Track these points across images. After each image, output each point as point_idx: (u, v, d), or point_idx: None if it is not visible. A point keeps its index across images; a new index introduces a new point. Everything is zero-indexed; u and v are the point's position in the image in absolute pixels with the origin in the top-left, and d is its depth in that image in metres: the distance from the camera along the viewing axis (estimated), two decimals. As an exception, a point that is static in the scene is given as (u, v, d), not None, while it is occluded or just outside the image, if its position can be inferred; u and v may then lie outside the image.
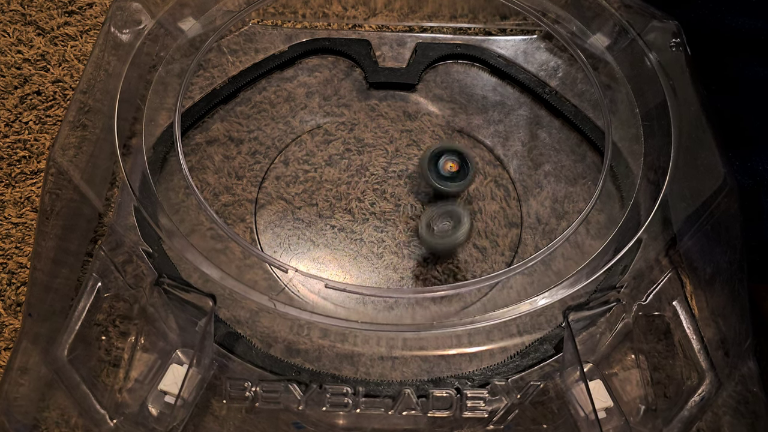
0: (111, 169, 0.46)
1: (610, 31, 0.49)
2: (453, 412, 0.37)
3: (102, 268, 0.40)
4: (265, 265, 0.43)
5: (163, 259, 0.42)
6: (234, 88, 0.50)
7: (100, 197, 0.45)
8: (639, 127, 0.46)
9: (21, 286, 0.44)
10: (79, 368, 0.37)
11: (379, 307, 0.42)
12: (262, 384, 0.37)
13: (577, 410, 0.37)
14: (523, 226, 0.46)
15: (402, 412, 0.36)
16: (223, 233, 0.42)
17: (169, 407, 0.36)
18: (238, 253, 0.44)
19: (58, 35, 0.54)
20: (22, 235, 0.46)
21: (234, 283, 0.39)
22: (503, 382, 0.37)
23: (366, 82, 0.51)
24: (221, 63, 0.52)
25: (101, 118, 0.45)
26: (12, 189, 0.48)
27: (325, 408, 0.37)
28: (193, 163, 0.48)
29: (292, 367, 0.39)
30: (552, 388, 0.38)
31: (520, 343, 0.40)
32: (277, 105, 0.50)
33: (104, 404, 0.36)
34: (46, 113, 0.51)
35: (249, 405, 0.37)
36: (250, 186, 0.47)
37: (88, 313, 0.39)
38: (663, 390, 0.39)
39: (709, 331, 0.40)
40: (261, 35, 0.53)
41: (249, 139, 0.49)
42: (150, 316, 0.39)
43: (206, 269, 0.39)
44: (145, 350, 0.38)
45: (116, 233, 0.41)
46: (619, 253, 0.39)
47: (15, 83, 0.52)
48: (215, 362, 0.38)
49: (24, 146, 0.49)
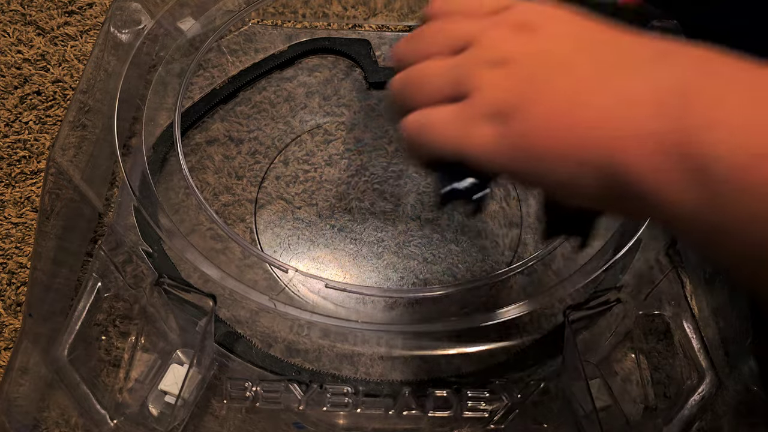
0: (111, 169, 0.46)
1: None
2: (453, 411, 0.36)
3: (102, 268, 0.40)
4: (265, 265, 0.43)
5: (163, 259, 0.42)
6: (234, 87, 0.50)
7: (100, 197, 0.45)
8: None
9: (21, 286, 0.44)
10: (80, 368, 0.37)
11: (379, 306, 0.42)
12: (263, 384, 0.37)
13: (577, 410, 0.37)
14: (523, 226, 0.46)
15: (402, 412, 0.36)
16: (223, 233, 0.42)
17: (169, 407, 0.36)
18: (238, 253, 0.44)
19: (58, 35, 0.54)
20: (22, 235, 0.46)
21: (234, 283, 0.38)
22: (503, 382, 0.37)
23: (366, 82, 0.51)
24: (221, 63, 0.52)
25: (101, 118, 0.45)
26: (12, 189, 0.47)
27: (326, 408, 0.37)
28: (193, 163, 0.48)
29: (292, 367, 0.39)
30: (552, 387, 0.38)
31: (520, 343, 0.40)
32: (277, 105, 0.50)
33: (104, 404, 0.36)
34: (46, 113, 0.51)
35: (249, 405, 0.37)
36: (250, 186, 0.47)
37: (88, 313, 0.39)
38: (663, 389, 0.39)
39: (709, 331, 0.40)
40: (261, 35, 0.53)
41: (249, 138, 0.49)
42: (150, 316, 0.39)
43: (206, 269, 0.39)
44: (146, 350, 0.38)
45: (116, 233, 0.41)
46: (618, 253, 0.39)
47: (15, 83, 0.52)
48: (215, 362, 0.38)
49: (24, 146, 0.49)
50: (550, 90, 0.22)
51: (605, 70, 0.22)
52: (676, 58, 0.21)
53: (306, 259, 0.44)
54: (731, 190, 0.18)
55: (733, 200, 0.18)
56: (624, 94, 0.21)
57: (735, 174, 0.18)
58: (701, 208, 0.19)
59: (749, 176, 0.18)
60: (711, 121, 0.19)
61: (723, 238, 0.19)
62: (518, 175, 0.23)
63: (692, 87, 0.20)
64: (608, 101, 0.21)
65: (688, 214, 0.19)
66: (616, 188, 0.21)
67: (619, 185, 0.21)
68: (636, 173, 0.20)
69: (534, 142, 0.22)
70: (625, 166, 0.20)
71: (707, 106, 0.19)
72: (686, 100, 0.20)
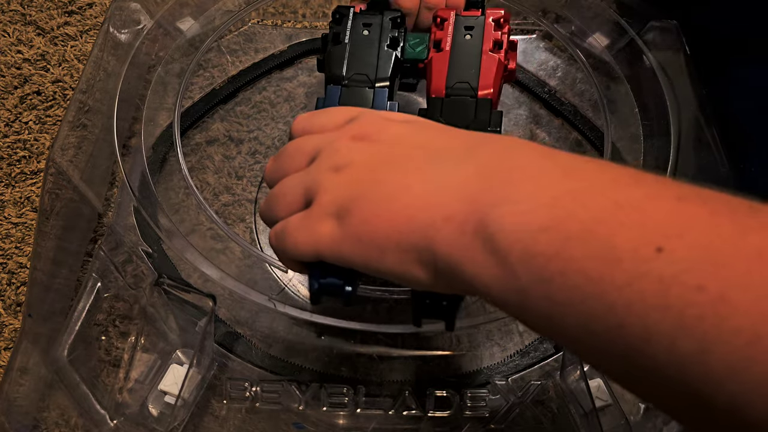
0: (110, 169, 0.46)
1: (609, 30, 0.49)
2: (453, 411, 0.37)
3: (102, 268, 0.40)
4: (264, 265, 0.43)
5: (163, 260, 0.42)
6: (234, 87, 0.50)
7: (99, 197, 0.45)
8: (638, 126, 0.46)
9: (21, 286, 0.44)
10: (79, 368, 0.37)
11: (379, 306, 0.42)
12: (263, 384, 0.37)
13: (577, 409, 0.37)
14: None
15: (402, 412, 0.37)
16: (223, 233, 0.42)
17: (169, 407, 0.36)
18: (238, 253, 0.44)
19: (58, 35, 0.54)
20: (22, 235, 0.46)
21: (234, 283, 0.38)
22: (503, 382, 0.37)
23: (366, 82, 0.51)
24: (221, 63, 0.52)
25: (101, 118, 0.45)
26: (12, 189, 0.48)
27: (326, 408, 0.37)
28: (193, 163, 0.48)
29: (292, 367, 0.39)
30: (552, 387, 0.38)
31: (520, 343, 0.40)
32: (277, 105, 0.50)
33: (104, 404, 0.36)
34: (46, 113, 0.51)
35: (249, 405, 0.37)
36: (250, 186, 0.47)
37: (88, 313, 0.39)
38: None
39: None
40: (261, 35, 0.53)
41: (249, 138, 0.49)
42: (150, 317, 0.39)
43: (206, 269, 0.39)
44: (145, 350, 0.38)
45: (116, 233, 0.41)
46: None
47: (15, 83, 0.52)
48: (215, 362, 0.38)
49: (24, 146, 0.49)
50: (378, 185, 0.24)
51: (427, 164, 0.24)
52: (484, 148, 0.24)
53: (306, 259, 0.44)
54: (518, 263, 0.20)
55: (523, 274, 0.20)
56: (439, 182, 0.23)
57: (517, 246, 0.20)
58: (505, 284, 0.21)
59: (530, 248, 0.20)
60: (499, 199, 0.21)
61: (535, 319, 0.21)
62: (361, 267, 0.24)
63: (490, 171, 0.22)
64: (425, 189, 0.23)
65: (499, 292, 0.21)
66: (440, 271, 0.23)
67: (441, 269, 0.22)
68: (448, 254, 0.22)
69: (365, 233, 0.24)
70: (439, 248, 0.22)
71: (499, 187, 0.22)
72: (484, 183, 0.22)
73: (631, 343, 0.18)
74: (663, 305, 0.17)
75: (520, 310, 0.21)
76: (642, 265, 0.18)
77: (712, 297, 0.17)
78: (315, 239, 0.25)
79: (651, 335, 0.17)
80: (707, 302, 0.17)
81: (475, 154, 0.24)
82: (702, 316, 0.17)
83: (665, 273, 0.17)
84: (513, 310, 0.21)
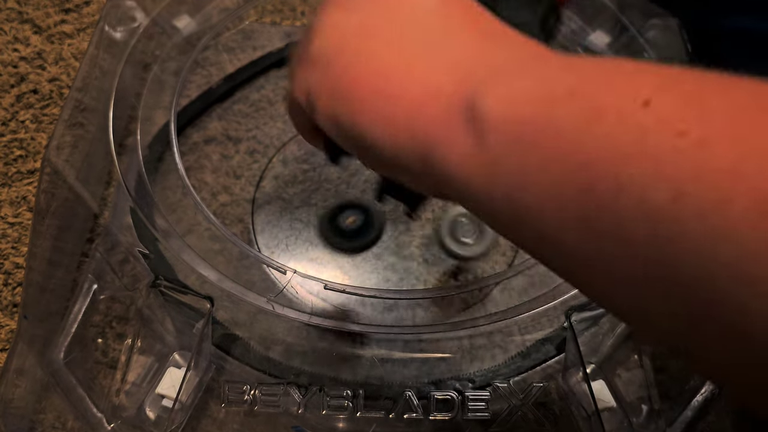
0: (106, 169, 0.46)
1: (610, 28, 0.49)
2: (455, 414, 0.36)
3: (98, 269, 0.39)
4: (263, 266, 0.43)
5: (160, 260, 0.41)
6: (231, 86, 0.50)
7: (95, 197, 0.44)
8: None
9: (17, 286, 0.44)
10: (76, 371, 0.37)
11: (379, 308, 0.42)
12: (261, 387, 0.36)
13: (579, 411, 0.36)
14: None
15: (403, 415, 0.36)
16: (221, 234, 0.42)
17: (166, 411, 0.36)
18: (235, 254, 0.43)
19: (55, 33, 0.54)
20: (18, 235, 0.45)
21: (232, 285, 0.38)
22: (505, 384, 0.37)
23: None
24: (218, 61, 0.51)
25: (96, 117, 0.44)
26: (8, 188, 0.47)
27: (325, 411, 0.36)
28: (190, 162, 0.47)
29: (291, 370, 0.38)
30: (554, 389, 0.38)
31: (522, 344, 0.40)
32: (276, 103, 0.50)
33: (101, 407, 0.36)
34: (43, 112, 0.50)
35: (247, 408, 0.36)
36: (249, 185, 0.46)
37: (84, 314, 0.38)
38: (666, 390, 0.39)
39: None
40: (259, 33, 0.53)
41: (247, 137, 0.48)
42: (146, 318, 0.38)
43: (203, 270, 0.38)
44: (142, 353, 0.38)
45: (112, 234, 0.41)
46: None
47: (11, 81, 0.51)
48: (213, 365, 0.38)
49: (20, 145, 0.49)
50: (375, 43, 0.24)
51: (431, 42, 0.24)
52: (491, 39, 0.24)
53: (304, 260, 0.44)
54: (493, 129, 0.20)
55: (496, 143, 0.20)
56: (441, 60, 0.23)
57: (504, 127, 0.20)
58: (473, 158, 0.21)
59: (510, 115, 0.20)
60: (490, 77, 0.21)
61: (498, 197, 0.20)
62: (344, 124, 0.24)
63: (485, 55, 0.23)
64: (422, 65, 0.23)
65: (466, 168, 0.21)
66: (423, 153, 0.22)
67: (422, 148, 0.22)
68: (430, 131, 0.22)
69: (344, 83, 0.24)
70: (423, 124, 0.22)
71: (491, 67, 0.22)
72: (476, 64, 0.22)
73: (600, 203, 0.17)
74: (639, 153, 0.17)
75: (484, 188, 0.21)
76: (626, 119, 0.17)
77: (692, 141, 0.16)
78: (304, 83, 0.26)
79: (622, 189, 0.17)
80: (687, 147, 0.16)
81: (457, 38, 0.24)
82: (679, 162, 0.16)
83: (647, 121, 0.17)
84: (475, 190, 0.21)
